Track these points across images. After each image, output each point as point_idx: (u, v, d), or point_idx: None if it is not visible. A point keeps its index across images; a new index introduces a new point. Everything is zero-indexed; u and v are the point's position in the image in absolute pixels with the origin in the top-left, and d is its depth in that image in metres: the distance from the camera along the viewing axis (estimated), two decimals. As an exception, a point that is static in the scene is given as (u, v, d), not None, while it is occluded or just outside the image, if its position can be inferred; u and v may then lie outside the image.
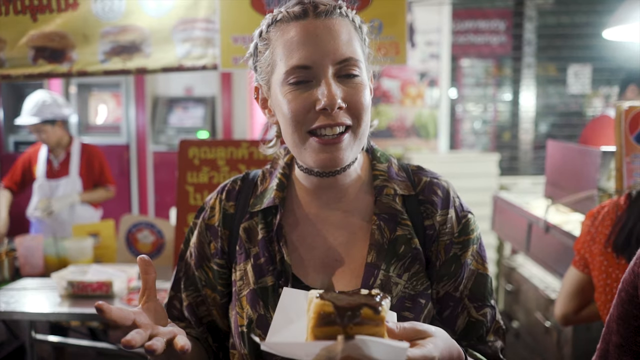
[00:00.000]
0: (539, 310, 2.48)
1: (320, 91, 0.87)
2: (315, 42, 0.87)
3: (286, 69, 0.89)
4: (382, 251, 0.94)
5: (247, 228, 1.00)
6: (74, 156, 3.45)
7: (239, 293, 0.97)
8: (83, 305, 2.17)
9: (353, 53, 0.89)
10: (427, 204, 0.98)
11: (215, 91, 4.71)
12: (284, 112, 0.90)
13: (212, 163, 2.29)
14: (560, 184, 2.68)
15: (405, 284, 0.93)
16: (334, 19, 0.89)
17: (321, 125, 0.88)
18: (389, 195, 0.98)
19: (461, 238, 0.97)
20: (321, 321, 0.68)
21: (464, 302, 0.96)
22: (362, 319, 0.68)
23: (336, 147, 0.89)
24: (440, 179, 1.02)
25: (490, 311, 0.97)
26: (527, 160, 4.71)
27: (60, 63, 2.25)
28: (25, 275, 2.63)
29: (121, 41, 2.23)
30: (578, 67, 4.71)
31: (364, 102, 0.90)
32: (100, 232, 2.89)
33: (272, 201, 0.99)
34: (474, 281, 0.97)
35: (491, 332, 0.97)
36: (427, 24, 4.43)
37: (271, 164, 1.07)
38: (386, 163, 1.02)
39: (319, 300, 0.70)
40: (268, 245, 0.97)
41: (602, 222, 1.60)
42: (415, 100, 4.50)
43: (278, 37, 0.91)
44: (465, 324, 0.96)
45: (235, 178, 1.08)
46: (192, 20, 2.22)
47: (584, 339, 2.14)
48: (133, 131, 4.76)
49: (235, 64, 2.21)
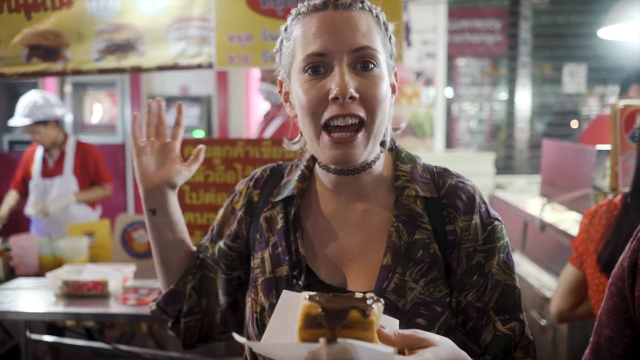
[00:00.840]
0: (534, 309, 2.48)
1: (333, 80, 0.86)
2: (331, 31, 0.87)
3: (302, 56, 0.89)
4: (398, 254, 0.91)
5: (268, 217, 1.02)
6: (68, 155, 3.44)
7: (256, 280, 0.99)
8: (78, 305, 2.16)
9: (370, 42, 0.88)
10: (450, 208, 0.94)
11: (211, 90, 4.70)
12: (301, 102, 0.90)
13: (208, 162, 2.28)
14: (555, 183, 2.69)
15: (421, 290, 0.90)
16: (353, 11, 0.89)
17: (333, 116, 0.86)
18: (410, 196, 0.95)
19: (486, 246, 0.92)
20: (308, 323, 0.67)
21: (489, 314, 0.91)
22: (349, 322, 0.66)
23: (349, 145, 0.87)
24: (467, 183, 0.98)
25: (518, 325, 0.92)
26: (522, 159, 4.72)
27: (55, 61, 2.24)
28: (20, 275, 2.61)
29: (116, 39, 2.22)
30: (573, 66, 4.72)
31: (379, 95, 0.88)
32: (96, 231, 2.88)
33: (291, 191, 1.00)
34: (500, 292, 0.92)
35: (520, 348, 0.91)
36: (422, 23, 4.43)
37: (299, 157, 1.08)
38: (410, 164, 1.00)
39: (306, 301, 0.68)
40: (285, 235, 0.98)
41: (599, 221, 1.61)
42: (411, 99, 4.50)
43: (299, 28, 0.92)
44: (492, 337, 0.90)
45: (266, 167, 1.10)
46: (187, 19, 2.21)
47: (580, 337, 2.14)
48: (129, 130, 4.73)
49: (230, 63, 2.21)
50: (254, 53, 2.19)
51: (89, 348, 2.65)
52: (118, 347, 2.52)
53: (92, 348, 2.64)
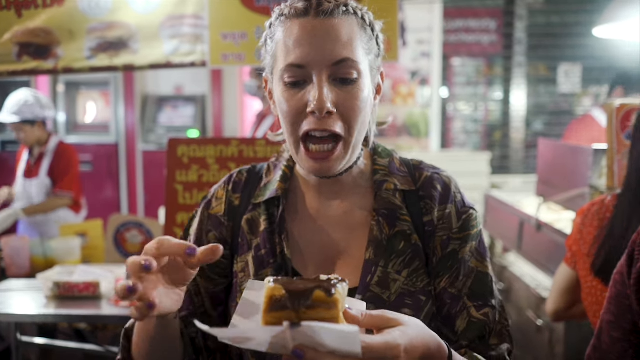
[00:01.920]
0: (530, 309, 2.47)
1: (312, 93, 0.87)
2: (311, 42, 0.86)
3: (282, 65, 0.89)
4: (380, 247, 0.93)
5: (249, 219, 1.00)
6: (47, 156, 3.36)
7: (241, 285, 0.97)
8: (70, 307, 2.14)
9: (350, 54, 0.87)
10: (427, 199, 0.96)
11: (205, 90, 4.68)
12: (281, 109, 0.91)
13: (202, 161, 2.26)
14: (551, 182, 2.68)
15: (404, 281, 0.92)
16: (335, 18, 0.88)
17: (310, 129, 0.88)
18: (389, 190, 0.97)
19: (461, 234, 0.95)
20: (272, 306, 0.66)
21: (463, 300, 0.93)
22: (313, 302, 0.65)
23: (327, 160, 0.89)
24: (442, 173, 1.00)
25: (492, 311, 0.93)
26: (518, 159, 4.72)
27: (46, 59, 2.21)
28: (10, 276, 2.59)
29: (108, 37, 2.19)
30: (568, 66, 4.73)
31: (357, 109, 0.88)
32: (88, 232, 2.85)
33: (274, 192, 0.99)
34: (473, 279, 0.94)
35: (494, 334, 0.93)
36: (418, 22, 4.42)
37: (277, 157, 1.07)
38: (387, 158, 1.02)
39: (271, 284, 0.68)
40: (270, 237, 0.97)
41: (592, 221, 1.59)
42: (407, 99, 4.49)
43: (280, 32, 0.91)
44: (466, 323, 0.92)
45: (242, 169, 1.07)
46: (180, 17, 2.19)
47: (576, 337, 2.13)
48: (122, 130, 4.71)
49: (224, 61, 2.19)
50: (248, 51, 2.17)
51: (80, 350, 2.63)
52: (110, 350, 2.49)
53: (83, 350, 2.61)
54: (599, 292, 1.51)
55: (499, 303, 0.95)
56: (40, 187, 3.34)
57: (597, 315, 1.52)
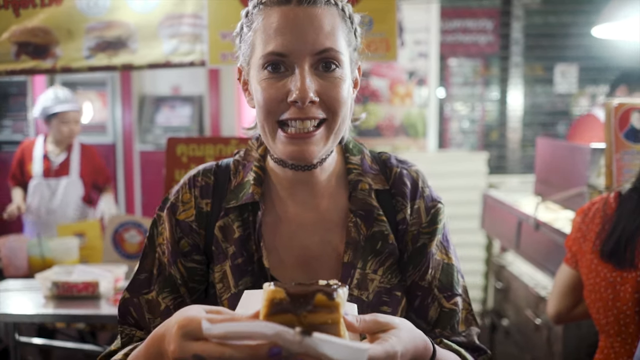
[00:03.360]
0: (529, 308, 2.48)
1: (293, 82, 0.84)
2: (293, 31, 0.84)
3: (262, 53, 0.86)
4: (358, 249, 0.93)
5: (222, 226, 0.95)
6: (74, 155, 3.38)
7: (220, 297, 0.93)
8: (68, 307, 2.13)
9: (333, 44, 0.86)
10: (398, 196, 0.97)
11: (203, 90, 4.67)
12: (258, 99, 0.88)
13: (201, 161, 2.26)
14: (549, 181, 2.69)
15: (380, 279, 0.93)
16: (317, 7, 0.86)
17: (291, 118, 0.85)
18: (364, 190, 0.95)
19: (430, 228, 0.96)
20: (273, 309, 0.65)
21: (433, 292, 0.95)
22: (315, 306, 0.64)
23: (306, 142, 0.86)
24: (410, 168, 1.00)
25: (460, 300, 0.96)
26: (515, 158, 4.73)
27: (44, 59, 2.21)
28: (8, 277, 2.58)
29: (106, 37, 2.19)
30: (565, 66, 4.74)
31: (340, 98, 0.87)
32: (86, 232, 2.84)
33: (251, 197, 0.94)
34: (441, 271, 0.96)
35: (462, 322, 0.95)
36: (415, 23, 4.43)
37: (244, 155, 1.01)
38: (359, 155, 0.99)
39: (271, 287, 0.66)
40: (245, 244, 0.93)
41: (593, 219, 1.59)
42: (404, 99, 4.49)
43: (260, 20, 0.88)
44: (438, 314, 0.94)
45: (205, 170, 0.99)
46: (179, 16, 2.19)
47: (575, 336, 2.13)
48: (119, 130, 4.70)
49: (223, 60, 2.19)
50: (247, 51, 2.17)
51: (80, 350, 2.62)
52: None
53: (83, 350, 2.61)
54: (603, 288, 1.51)
55: (463, 290, 0.98)
56: (72, 187, 3.33)
57: (600, 312, 1.53)
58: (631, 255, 1.44)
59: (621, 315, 1.46)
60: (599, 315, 1.53)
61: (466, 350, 0.92)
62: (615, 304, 1.47)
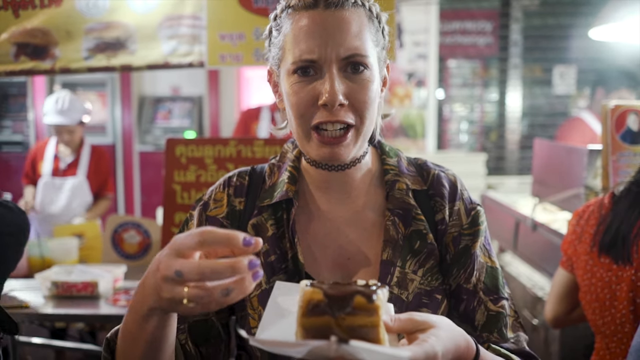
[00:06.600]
0: (526, 308, 2.49)
1: (323, 86, 0.86)
2: (322, 35, 0.86)
3: (293, 59, 0.88)
4: (397, 247, 0.92)
5: (255, 225, 0.96)
6: (83, 157, 3.42)
7: (250, 293, 0.93)
8: (68, 306, 2.13)
9: (361, 47, 0.87)
10: (437, 197, 0.97)
11: (202, 91, 4.68)
12: (290, 102, 0.90)
13: (200, 161, 2.27)
14: (547, 183, 2.70)
15: (420, 280, 0.92)
16: (345, 10, 0.87)
17: (322, 122, 0.87)
18: (402, 190, 0.96)
19: (471, 229, 0.96)
20: (310, 310, 0.63)
21: (479, 295, 0.94)
22: (354, 309, 0.62)
23: (338, 145, 0.88)
24: (447, 172, 1.01)
25: (507, 304, 0.95)
26: (513, 160, 4.74)
27: (43, 60, 2.21)
28: (8, 277, 2.58)
29: (105, 38, 2.19)
30: (563, 68, 4.75)
31: (368, 100, 0.88)
32: (85, 232, 2.85)
33: (285, 194, 0.95)
34: (485, 274, 0.95)
35: (509, 327, 0.94)
36: (414, 24, 4.44)
37: (279, 158, 1.04)
38: (395, 157, 1.01)
39: (308, 288, 0.64)
40: (279, 242, 0.94)
41: (588, 221, 1.60)
42: (403, 100, 4.50)
43: (289, 24, 0.90)
44: (485, 317, 0.93)
45: (241, 172, 1.03)
46: (178, 17, 2.19)
47: (572, 336, 2.14)
48: (119, 131, 4.71)
49: (222, 62, 2.20)
50: (245, 52, 2.18)
51: (80, 350, 2.62)
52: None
53: (82, 350, 2.61)
54: (599, 288, 1.52)
55: (509, 295, 0.97)
56: (78, 187, 3.37)
57: (596, 313, 1.53)
58: (628, 250, 1.45)
59: (617, 314, 1.47)
60: (595, 316, 1.54)
61: (516, 356, 0.90)
62: (613, 303, 1.48)
